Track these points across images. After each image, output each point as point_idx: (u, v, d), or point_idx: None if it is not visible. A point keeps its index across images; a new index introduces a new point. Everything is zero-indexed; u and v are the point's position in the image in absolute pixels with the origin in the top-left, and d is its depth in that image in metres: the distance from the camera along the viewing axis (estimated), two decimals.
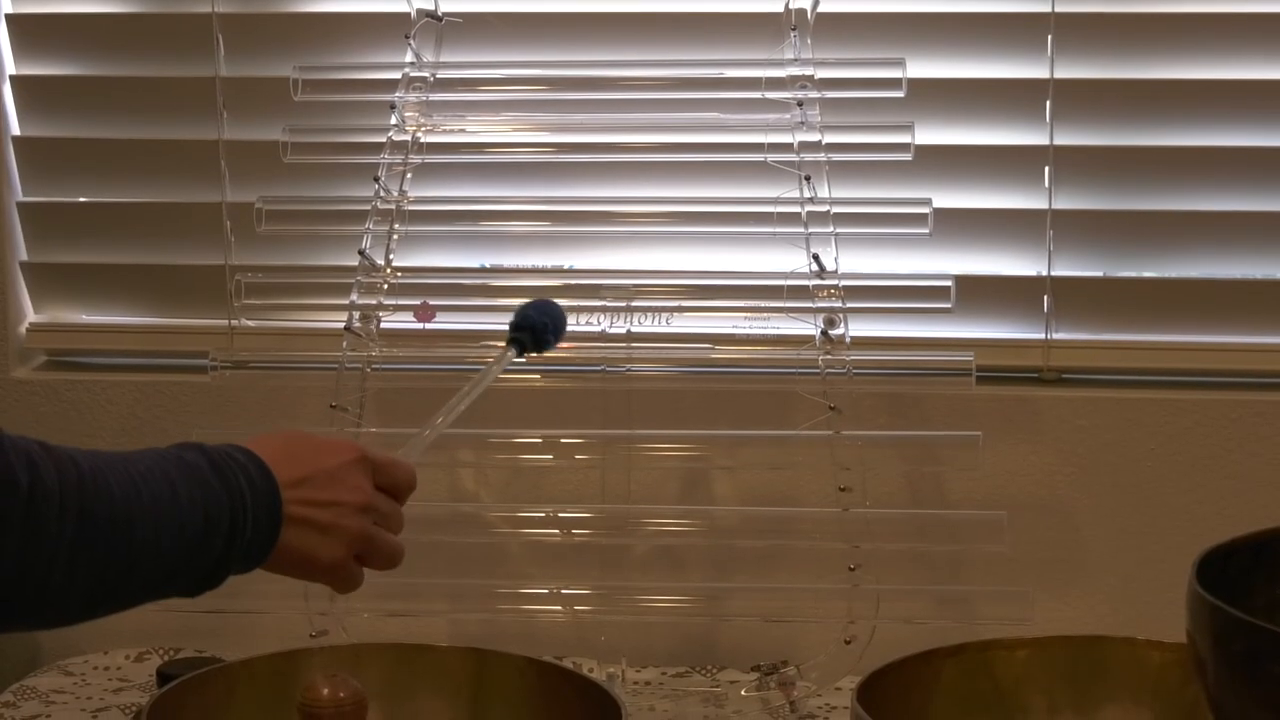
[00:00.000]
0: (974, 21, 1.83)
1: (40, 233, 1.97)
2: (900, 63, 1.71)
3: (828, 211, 1.70)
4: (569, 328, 1.54)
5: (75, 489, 1.07)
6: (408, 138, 1.77)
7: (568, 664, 1.63)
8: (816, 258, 1.69)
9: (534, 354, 1.49)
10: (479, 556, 1.80)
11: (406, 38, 1.79)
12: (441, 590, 1.76)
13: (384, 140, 1.77)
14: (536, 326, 1.47)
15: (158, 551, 1.11)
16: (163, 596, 1.16)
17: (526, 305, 1.49)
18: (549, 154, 1.83)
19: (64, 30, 1.95)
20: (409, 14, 1.81)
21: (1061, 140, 1.82)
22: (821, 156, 1.71)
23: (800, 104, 1.71)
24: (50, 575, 1.06)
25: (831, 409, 1.68)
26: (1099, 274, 1.87)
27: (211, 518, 1.14)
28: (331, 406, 1.72)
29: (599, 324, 1.72)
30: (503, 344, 1.48)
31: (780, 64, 1.73)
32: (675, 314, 1.72)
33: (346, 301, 1.74)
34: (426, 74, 1.79)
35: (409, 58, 1.79)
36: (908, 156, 1.70)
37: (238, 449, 1.19)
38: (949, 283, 1.70)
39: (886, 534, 1.70)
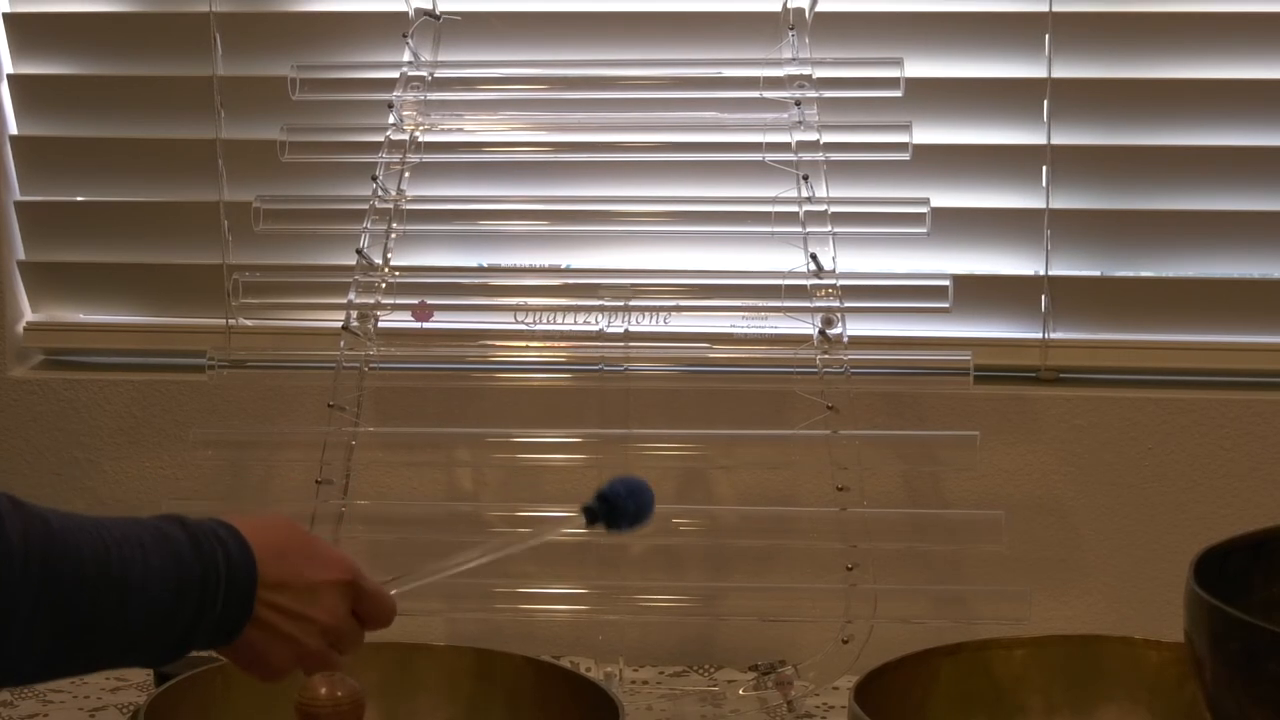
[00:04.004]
0: (972, 21, 1.83)
1: (38, 232, 1.97)
2: (898, 62, 1.71)
3: (825, 211, 1.70)
4: (566, 325, 1.53)
5: (41, 548, 1.04)
6: (405, 137, 1.77)
7: (565, 663, 1.63)
8: (814, 257, 1.69)
9: (604, 529, 1.36)
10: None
11: (404, 37, 1.79)
12: (439, 589, 1.75)
13: (382, 139, 1.77)
14: (619, 510, 1.34)
15: (123, 617, 1.09)
16: (124, 665, 1.13)
17: (618, 480, 1.36)
18: (547, 153, 1.83)
19: (62, 29, 1.95)
20: (407, 13, 1.81)
21: (1059, 140, 1.82)
22: (819, 156, 1.71)
23: (798, 103, 1.71)
24: (9, 632, 1.03)
25: (829, 408, 1.68)
26: (1096, 273, 1.87)
27: (182, 591, 1.11)
28: (329, 406, 1.72)
29: (597, 323, 1.72)
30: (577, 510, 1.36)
31: (778, 63, 1.73)
32: (673, 313, 1.72)
33: (344, 301, 1.73)
34: (424, 73, 1.79)
35: (407, 57, 1.79)
36: (905, 156, 1.70)
37: (223, 525, 1.16)
38: (946, 282, 1.70)
39: (884, 533, 1.70)
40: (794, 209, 1.70)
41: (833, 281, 1.69)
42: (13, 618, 1.03)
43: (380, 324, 1.74)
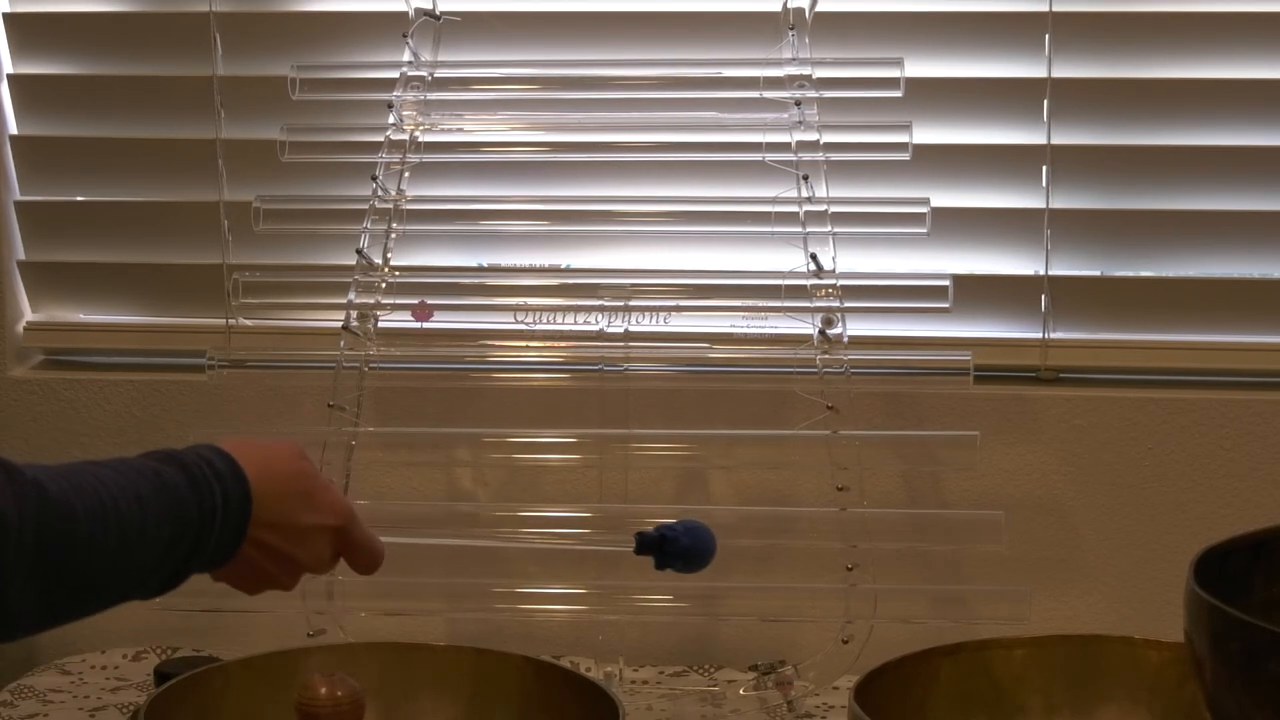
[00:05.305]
0: (972, 21, 1.83)
1: (38, 232, 1.97)
2: (898, 62, 1.71)
3: (825, 211, 1.70)
4: (566, 325, 1.53)
5: (35, 520, 1.04)
6: (405, 137, 1.77)
7: (565, 663, 1.63)
8: (814, 257, 1.69)
9: (654, 559, 1.45)
10: (476, 556, 1.79)
11: (404, 37, 1.79)
12: (439, 589, 1.75)
13: (382, 139, 1.77)
14: (670, 549, 1.44)
15: (121, 574, 1.10)
16: (116, 605, 1.15)
17: (684, 523, 1.45)
18: (546, 153, 1.83)
19: (62, 29, 1.95)
20: (407, 13, 1.81)
21: (1059, 139, 1.82)
22: (819, 156, 1.71)
23: (798, 103, 1.71)
24: (3, 602, 1.04)
25: (829, 408, 1.67)
26: (1096, 273, 1.87)
27: (178, 538, 1.13)
28: (329, 406, 1.72)
29: (597, 323, 1.72)
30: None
31: (778, 63, 1.73)
32: (673, 313, 1.72)
33: (344, 300, 1.73)
34: (424, 73, 1.79)
35: (407, 57, 1.79)
36: (906, 156, 1.70)
37: (220, 455, 1.17)
38: (947, 282, 1.70)
39: (884, 533, 1.69)
40: (794, 209, 1.70)
41: (833, 281, 1.69)
42: (6, 589, 1.04)
43: (380, 324, 1.74)
